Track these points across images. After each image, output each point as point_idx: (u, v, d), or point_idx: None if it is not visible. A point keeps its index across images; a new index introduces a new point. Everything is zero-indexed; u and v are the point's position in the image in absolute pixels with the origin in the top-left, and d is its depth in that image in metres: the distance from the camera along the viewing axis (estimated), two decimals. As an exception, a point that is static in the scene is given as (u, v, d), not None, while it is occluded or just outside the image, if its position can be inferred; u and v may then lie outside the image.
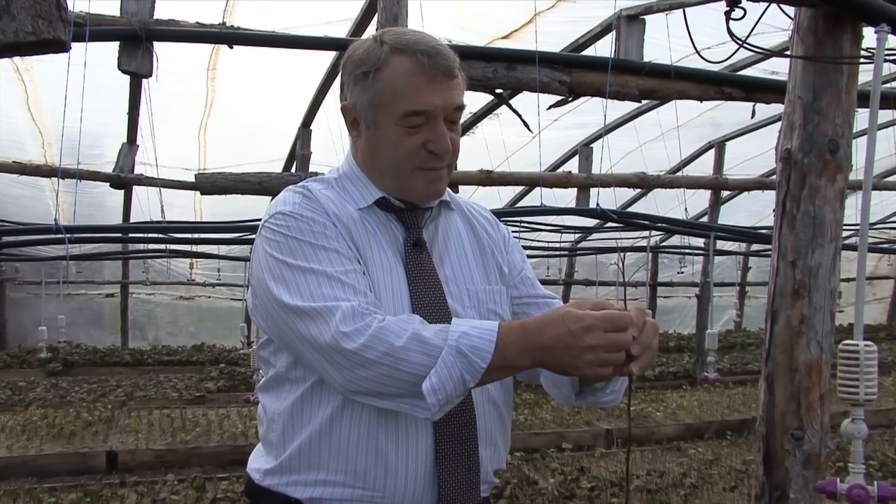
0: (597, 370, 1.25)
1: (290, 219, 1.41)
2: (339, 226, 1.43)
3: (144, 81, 5.58)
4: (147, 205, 8.15)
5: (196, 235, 8.68)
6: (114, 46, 3.82)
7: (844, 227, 2.14)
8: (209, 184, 5.18)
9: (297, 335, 1.34)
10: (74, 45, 2.64)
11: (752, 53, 2.18)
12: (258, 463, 1.50)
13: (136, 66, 3.80)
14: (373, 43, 1.44)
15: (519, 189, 9.69)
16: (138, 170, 7.19)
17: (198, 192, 7.43)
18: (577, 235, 12.07)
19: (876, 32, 1.89)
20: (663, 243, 12.11)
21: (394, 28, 2.27)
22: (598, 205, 5.27)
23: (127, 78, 5.65)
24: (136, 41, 3.76)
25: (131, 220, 9.33)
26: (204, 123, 7.61)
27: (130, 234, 9.07)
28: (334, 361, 1.30)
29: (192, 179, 5.74)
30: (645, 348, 1.28)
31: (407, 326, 1.29)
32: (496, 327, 1.28)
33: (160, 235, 8.04)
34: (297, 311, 1.33)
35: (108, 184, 7.21)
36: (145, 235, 8.64)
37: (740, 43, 2.01)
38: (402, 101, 1.39)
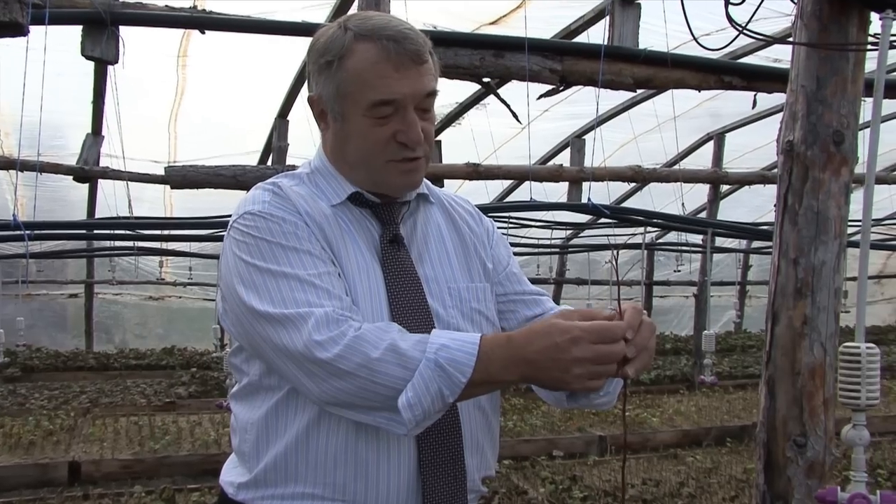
0: (587, 383, 1.25)
1: (259, 219, 1.39)
2: (312, 224, 1.41)
3: (110, 68, 5.54)
4: (113, 199, 8.08)
5: (166, 232, 8.63)
6: (76, 31, 3.78)
7: (850, 223, 2.15)
8: (180, 177, 5.13)
9: (269, 343, 1.33)
10: (33, 28, 2.61)
11: (752, 40, 2.19)
12: (231, 475, 1.48)
13: (101, 52, 3.76)
14: (337, 29, 1.43)
15: (507, 183, 9.69)
16: (104, 162, 7.13)
17: (168, 187, 7.39)
18: (569, 232, 12.10)
19: (881, 19, 1.90)
20: (659, 240, 12.16)
21: (360, 12, 2.25)
22: (590, 200, 5.28)
23: (91, 64, 5.61)
24: (101, 25, 3.72)
25: (96, 216, 9.26)
26: (174, 113, 7.56)
27: (95, 231, 8.97)
28: (308, 371, 1.29)
29: (162, 172, 5.69)
30: (641, 350, 1.28)
31: (384, 336, 1.28)
32: (478, 340, 1.27)
33: (127, 232, 7.98)
34: (267, 318, 1.32)
35: (71, 177, 7.13)
36: (111, 232, 8.57)
37: (740, 29, 2.01)
38: (369, 90, 1.38)
